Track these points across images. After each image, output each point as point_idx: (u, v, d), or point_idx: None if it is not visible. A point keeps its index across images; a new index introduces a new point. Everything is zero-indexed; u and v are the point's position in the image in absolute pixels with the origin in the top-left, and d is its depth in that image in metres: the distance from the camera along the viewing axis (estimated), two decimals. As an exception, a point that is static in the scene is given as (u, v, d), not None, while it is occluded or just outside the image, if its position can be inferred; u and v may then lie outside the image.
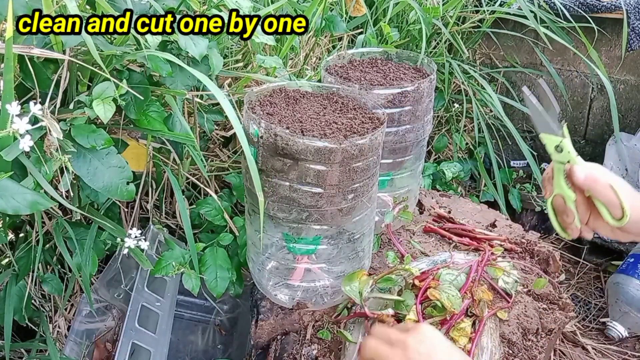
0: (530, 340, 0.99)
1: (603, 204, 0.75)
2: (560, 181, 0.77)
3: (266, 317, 1.03)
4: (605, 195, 0.74)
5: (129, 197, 0.85)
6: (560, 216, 0.80)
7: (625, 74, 2.04)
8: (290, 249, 0.95)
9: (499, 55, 2.19)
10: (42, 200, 0.71)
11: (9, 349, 0.98)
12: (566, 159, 0.76)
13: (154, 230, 1.18)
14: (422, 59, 1.15)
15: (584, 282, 1.86)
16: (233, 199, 1.26)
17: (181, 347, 1.30)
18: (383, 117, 0.89)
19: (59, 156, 0.77)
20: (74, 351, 1.11)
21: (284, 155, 0.82)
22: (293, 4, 1.29)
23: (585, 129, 2.20)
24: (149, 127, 0.92)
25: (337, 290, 1.00)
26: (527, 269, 1.13)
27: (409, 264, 1.02)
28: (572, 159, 0.76)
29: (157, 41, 0.85)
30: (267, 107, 0.91)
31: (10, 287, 1.01)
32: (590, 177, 0.74)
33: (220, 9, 0.97)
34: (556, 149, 0.76)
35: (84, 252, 0.98)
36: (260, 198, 0.77)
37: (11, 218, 1.02)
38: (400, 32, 1.65)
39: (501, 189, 1.87)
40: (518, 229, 1.30)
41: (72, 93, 0.88)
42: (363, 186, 0.88)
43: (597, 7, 1.84)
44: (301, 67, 1.40)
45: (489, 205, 1.42)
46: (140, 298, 1.09)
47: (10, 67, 0.69)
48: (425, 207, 1.35)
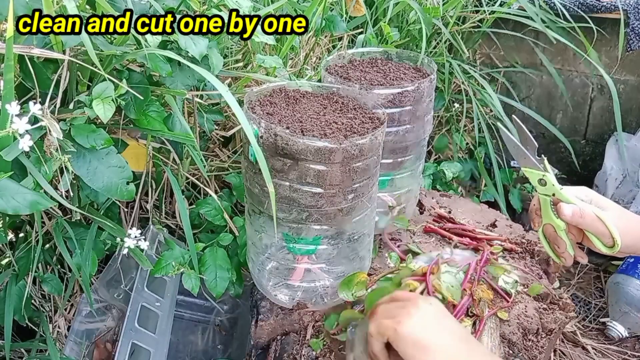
0: (530, 340, 0.99)
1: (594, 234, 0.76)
2: (548, 212, 0.79)
3: (266, 317, 1.03)
4: (594, 227, 0.76)
5: (128, 197, 0.85)
6: (553, 245, 0.82)
7: (625, 74, 2.04)
8: (290, 249, 0.95)
9: (499, 55, 2.19)
10: (42, 200, 0.71)
11: (9, 349, 0.98)
12: (551, 192, 0.78)
13: (153, 230, 1.18)
14: (422, 58, 1.15)
15: (584, 282, 1.86)
16: (233, 199, 1.26)
17: (181, 347, 1.30)
18: (383, 117, 0.89)
19: (58, 156, 0.76)
20: (74, 351, 1.11)
21: (284, 155, 0.82)
22: (293, 4, 1.29)
23: (585, 129, 2.20)
24: (149, 127, 0.92)
25: (337, 290, 1.00)
26: (527, 269, 1.13)
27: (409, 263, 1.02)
28: (556, 191, 0.77)
29: (157, 41, 0.85)
30: (267, 107, 0.90)
31: (10, 287, 1.01)
32: (576, 214, 0.76)
33: (220, 9, 0.97)
34: (539, 182, 0.78)
35: (84, 252, 0.98)
36: (271, 189, 0.76)
37: (11, 218, 1.02)
38: (400, 32, 1.65)
39: (501, 189, 1.87)
40: (518, 229, 1.29)
41: (72, 93, 0.88)
42: (363, 186, 0.88)
43: (597, 7, 1.84)
44: (301, 67, 1.40)
45: (489, 205, 1.42)
46: (140, 298, 1.09)
47: (11, 67, 0.69)
48: (425, 207, 1.35)
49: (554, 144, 2.29)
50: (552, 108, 2.23)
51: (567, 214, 0.75)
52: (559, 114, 2.23)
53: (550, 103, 2.23)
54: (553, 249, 0.83)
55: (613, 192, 1.96)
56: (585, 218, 0.75)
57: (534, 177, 0.78)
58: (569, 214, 0.75)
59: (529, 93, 2.25)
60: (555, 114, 2.23)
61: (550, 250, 0.83)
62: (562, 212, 0.76)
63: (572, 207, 0.76)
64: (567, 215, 0.76)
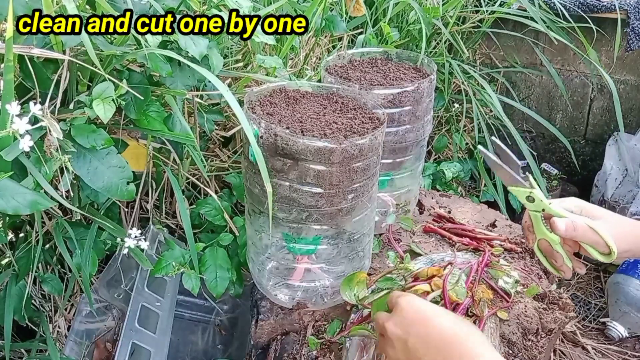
0: (530, 340, 0.99)
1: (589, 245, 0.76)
2: (540, 227, 0.78)
3: (266, 317, 1.03)
4: (589, 238, 0.75)
5: (129, 197, 0.85)
6: (550, 259, 0.81)
7: (625, 74, 2.04)
8: (290, 249, 0.95)
9: (499, 55, 2.19)
10: (42, 200, 0.71)
11: (9, 349, 0.98)
12: (540, 207, 0.77)
13: (154, 230, 1.18)
14: (422, 59, 1.15)
15: (584, 282, 1.86)
16: (233, 199, 1.26)
17: (181, 347, 1.30)
18: (383, 117, 0.89)
19: (59, 156, 0.77)
20: (74, 351, 1.11)
21: (284, 155, 0.82)
22: (293, 4, 1.29)
23: (585, 129, 2.20)
24: (149, 127, 0.92)
25: (337, 290, 1.00)
26: (527, 269, 1.13)
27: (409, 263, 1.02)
28: (546, 207, 0.77)
29: (157, 41, 0.85)
30: (267, 107, 0.91)
31: (10, 287, 1.01)
32: (569, 227, 0.75)
33: (220, 9, 0.97)
34: (528, 199, 0.77)
35: (84, 252, 0.98)
36: (269, 189, 0.76)
37: (11, 218, 1.02)
38: (400, 32, 1.65)
39: (501, 189, 1.87)
40: (518, 229, 1.29)
41: (72, 93, 0.88)
42: (363, 186, 0.88)
43: (597, 7, 1.84)
44: (301, 67, 1.40)
45: (489, 205, 1.42)
46: (140, 298, 1.09)
47: (11, 67, 0.69)
48: (425, 207, 1.35)
49: (553, 144, 2.29)
50: (552, 108, 2.23)
51: (561, 229, 0.75)
52: (559, 114, 2.23)
53: (550, 103, 2.23)
54: (550, 262, 0.82)
55: (613, 192, 1.96)
56: (578, 230, 0.75)
57: (522, 194, 0.77)
58: (562, 229, 0.75)
59: (528, 93, 2.25)
60: (555, 114, 2.24)
61: (548, 265, 0.82)
62: (556, 227, 0.75)
63: (565, 221, 0.75)
64: (561, 229, 0.75)
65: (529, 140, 2.30)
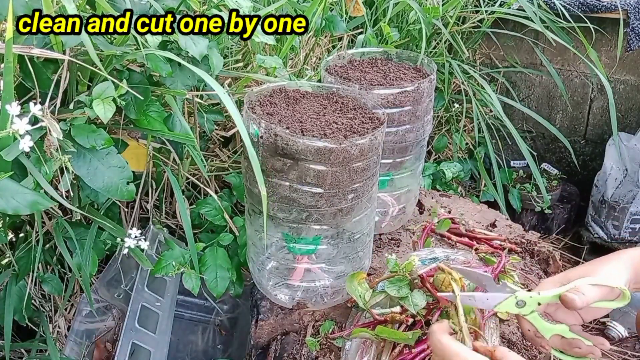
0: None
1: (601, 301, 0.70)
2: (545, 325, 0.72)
3: (266, 317, 1.04)
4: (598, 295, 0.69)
5: (129, 197, 0.86)
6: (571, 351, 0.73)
7: (625, 74, 2.04)
8: (290, 249, 0.95)
9: (499, 55, 2.19)
10: (42, 200, 0.71)
11: (9, 349, 0.98)
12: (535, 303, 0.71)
13: (154, 230, 1.18)
14: (422, 59, 1.15)
15: (584, 282, 1.86)
16: (233, 199, 1.26)
17: (181, 347, 1.30)
18: (383, 117, 0.89)
19: (59, 156, 0.77)
20: (74, 351, 1.11)
21: (284, 155, 0.82)
22: (293, 4, 1.29)
23: (585, 129, 2.20)
24: (149, 127, 0.92)
25: (337, 290, 1.00)
26: (527, 269, 1.13)
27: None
28: (539, 299, 0.71)
29: (157, 41, 0.85)
30: (267, 107, 0.91)
31: (10, 287, 1.01)
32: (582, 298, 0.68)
33: (220, 9, 0.97)
34: (518, 305, 0.71)
35: (84, 252, 0.98)
36: (263, 192, 0.76)
37: (11, 218, 1.02)
38: (400, 32, 1.65)
39: (501, 189, 1.88)
40: (518, 229, 1.30)
41: (72, 93, 0.88)
42: (363, 186, 0.88)
43: (597, 7, 1.84)
44: (301, 67, 1.40)
45: (489, 205, 1.42)
46: (140, 298, 1.09)
47: (10, 67, 0.69)
48: (425, 207, 1.35)
49: (553, 144, 2.29)
50: (552, 108, 2.23)
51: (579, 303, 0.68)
52: (559, 114, 2.23)
53: (550, 103, 2.23)
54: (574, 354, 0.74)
55: (613, 192, 1.96)
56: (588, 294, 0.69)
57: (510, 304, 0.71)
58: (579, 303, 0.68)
59: (528, 93, 2.25)
60: (555, 114, 2.24)
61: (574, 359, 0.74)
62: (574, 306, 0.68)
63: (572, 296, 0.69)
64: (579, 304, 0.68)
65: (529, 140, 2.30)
